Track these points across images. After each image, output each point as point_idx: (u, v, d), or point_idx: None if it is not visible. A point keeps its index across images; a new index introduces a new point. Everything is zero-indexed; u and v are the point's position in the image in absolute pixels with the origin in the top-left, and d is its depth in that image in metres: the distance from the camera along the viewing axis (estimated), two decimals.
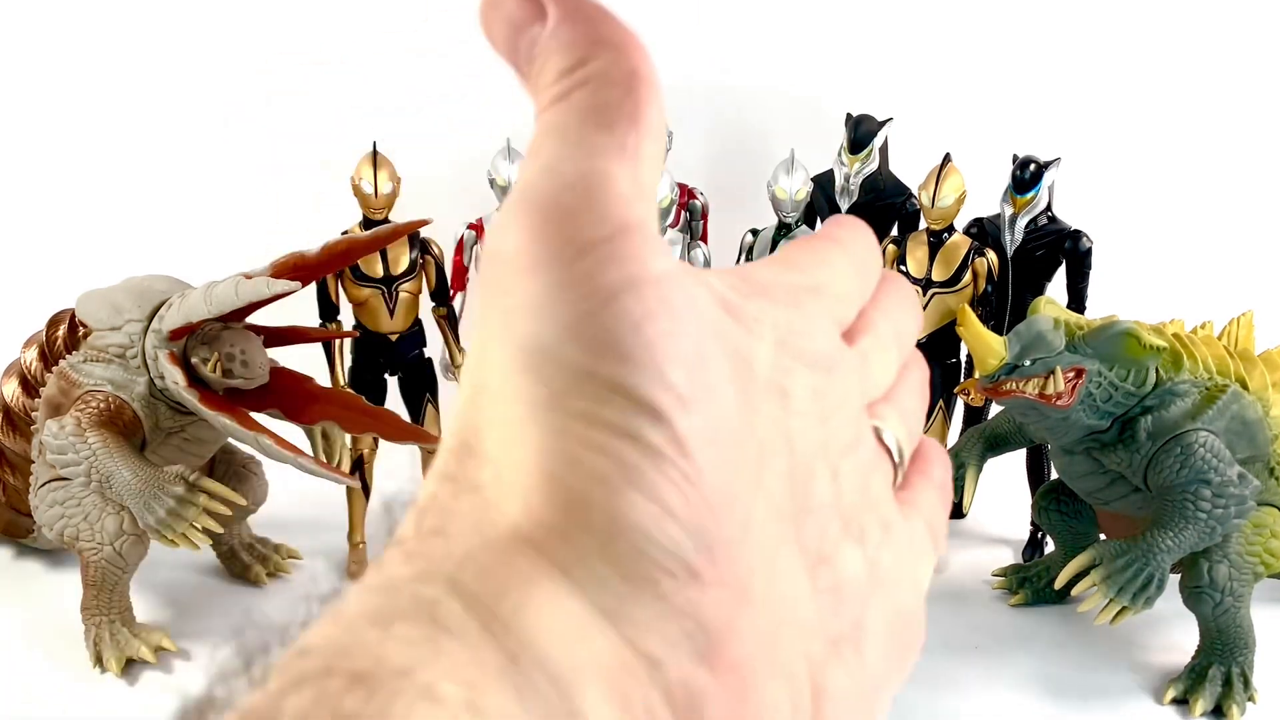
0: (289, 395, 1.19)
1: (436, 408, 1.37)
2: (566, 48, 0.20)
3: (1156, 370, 1.14)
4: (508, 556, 0.17)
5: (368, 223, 1.34)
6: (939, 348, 1.40)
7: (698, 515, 0.18)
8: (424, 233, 1.37)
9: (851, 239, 0.25)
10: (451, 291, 1.43)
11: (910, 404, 0.26)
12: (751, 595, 0.19)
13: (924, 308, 1.38)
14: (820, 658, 0.20)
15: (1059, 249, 1.36)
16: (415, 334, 1.37)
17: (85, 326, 1.23)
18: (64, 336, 1.28)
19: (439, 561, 0.17)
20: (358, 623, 0.16)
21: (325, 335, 1.34)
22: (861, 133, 1.45)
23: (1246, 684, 1.16)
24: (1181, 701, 1.16)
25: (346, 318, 1.40)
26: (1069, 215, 1.39)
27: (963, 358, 1.41)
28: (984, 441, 1.30)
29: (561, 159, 0.19)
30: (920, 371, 0.27)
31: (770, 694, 0.19)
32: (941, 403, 1.41)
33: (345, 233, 1.30)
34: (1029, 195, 1.35)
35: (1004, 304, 1.39)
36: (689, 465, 0.18)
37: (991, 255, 1.36)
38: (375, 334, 1.34)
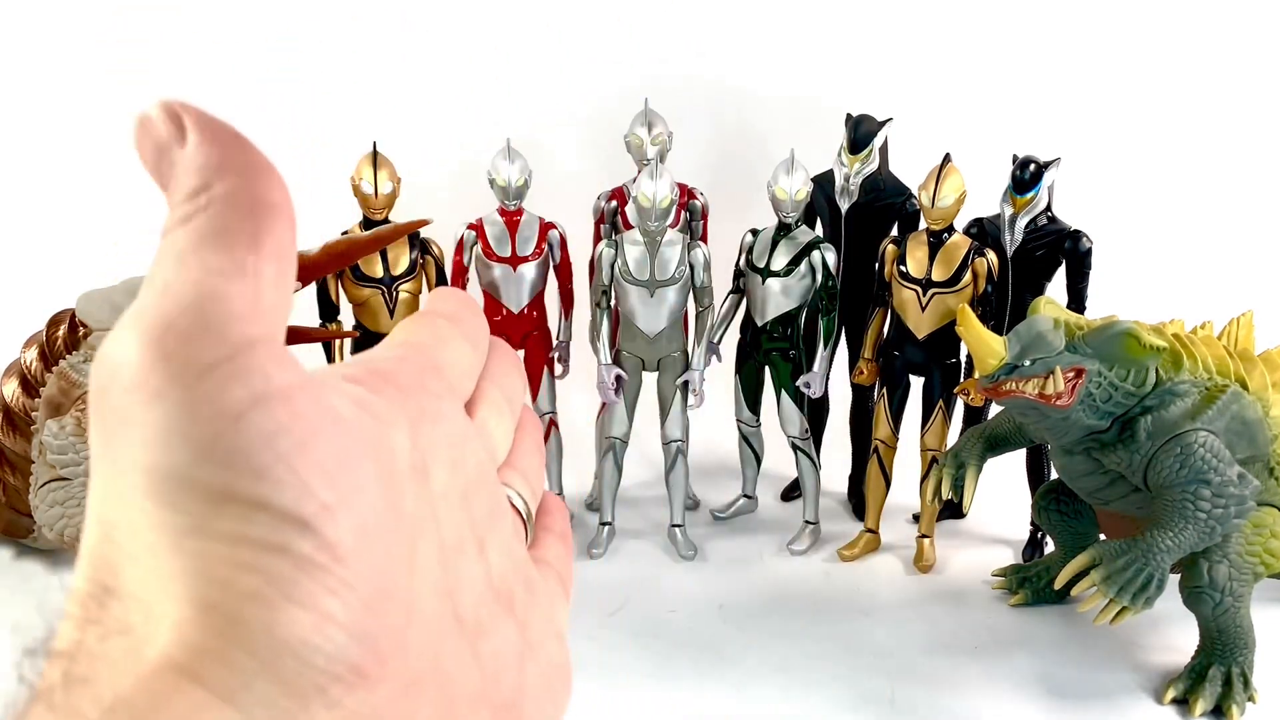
0: None
1: None
2: (196, 171, 0.20)
3: (1156, 370, 1.14)
4: (163, 695, 0.16)
5: (368, 223, 1.34)
6: (939, 348, 1.40)
7: (358, 617, 0.18)
8: (424, 233, 1.38)
9: (462, 312, 0.26)
10: None
11: (530, 464, 0.27)
12: (422, 680, 0.19)
13: (924, 308, 1.37)
14: None
15: (1059, 249, 1.36)
16: None
17: (85, 326, 1.23)
18: (64, 336, 1.28)
19: (85, 711, 0.16)
20: None
21: (325, 335, 1.34)
22: (861, 133, 1.45)
23: (1246, 684, 1.16)
24: (1181, 701, 1.16)
25: (346, 318, 1.39)
26: (1069, 215, 1.39)
27: (963, 358, 1.41)
28: (984, 441, 1.30)
29: (175, 281, 0.19)
30: (534, 430, 0.28)
31: None
32: (941, 403, 1.41)
33: (345, 233, 1.31)
34: (1029, 195, 1.35)
35: (1004, 304, 1.39)
36: (344, 569, 0.18)
37: (991, 255, 1.35)
38: (375, 334, 1.35)
